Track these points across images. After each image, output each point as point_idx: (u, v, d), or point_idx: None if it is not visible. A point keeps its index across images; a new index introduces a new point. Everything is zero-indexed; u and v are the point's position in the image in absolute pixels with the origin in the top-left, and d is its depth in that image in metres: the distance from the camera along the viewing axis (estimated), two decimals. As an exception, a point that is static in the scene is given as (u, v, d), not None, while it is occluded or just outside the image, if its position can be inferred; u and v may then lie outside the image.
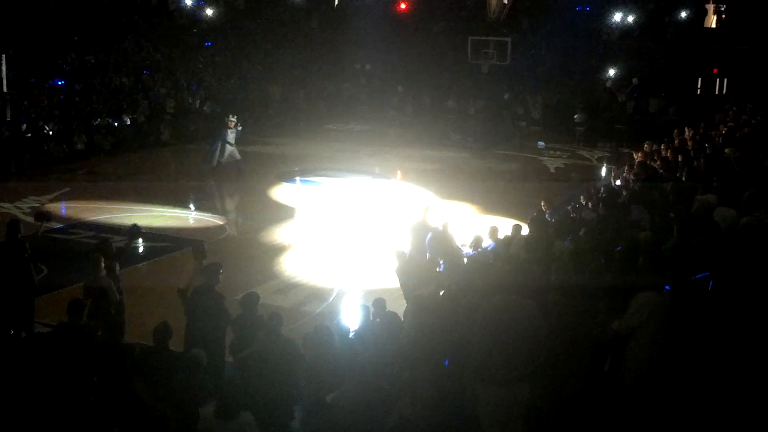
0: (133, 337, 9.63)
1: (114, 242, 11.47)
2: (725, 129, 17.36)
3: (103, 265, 9.99)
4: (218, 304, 9.27)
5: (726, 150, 14.07)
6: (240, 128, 21.70)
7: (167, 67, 32.66)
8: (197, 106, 29.99)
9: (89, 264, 10.09)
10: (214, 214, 18.30)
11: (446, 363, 7.10)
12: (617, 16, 34.05)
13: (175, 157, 25.59)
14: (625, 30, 34.12)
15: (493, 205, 18.57)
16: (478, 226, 14.58)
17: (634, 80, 31.54)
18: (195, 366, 7.46)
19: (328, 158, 24.36)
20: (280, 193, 20.38)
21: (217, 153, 21.30)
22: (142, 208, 18.24)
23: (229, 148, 21.26)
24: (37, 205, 17.56)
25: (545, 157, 26.22)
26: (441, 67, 33.63)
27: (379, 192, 20.60)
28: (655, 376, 6.42)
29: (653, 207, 11.09)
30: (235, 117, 21.73)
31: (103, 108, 26.64)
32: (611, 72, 32.88)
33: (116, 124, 26.31)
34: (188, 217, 18.38)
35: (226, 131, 21.28)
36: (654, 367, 6.43)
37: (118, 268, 10.43)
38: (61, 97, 26.91)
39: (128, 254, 11.79)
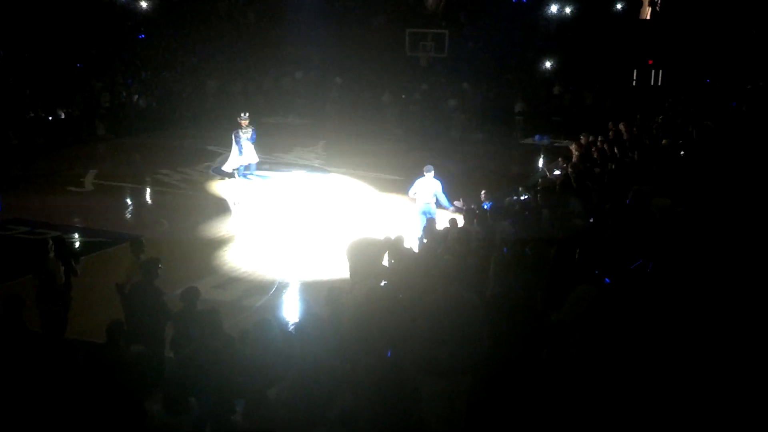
0: (72, 332, 9.48)
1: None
2: (661, 120, 17.77)
3: (52, 254, 9.97)
4: (157, 299, 9.19)
5: (663, 141, 14.42)
6: (253, 128, 20.33)
7: (101, 60, 32.00)
8: (133, 100, 29.51)
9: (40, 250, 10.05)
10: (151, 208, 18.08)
11: (388, 354, 7.12)
12: (554, 8, 34.44)
13: (110, 152, 25.19)
14: (561, 22, 34.55)
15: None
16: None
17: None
18: (138, 362, 7.39)
19: (267, 152, 24.18)
20: (218, 187, 20.19)
21: (235, 158, 20.15)
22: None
23: (245, 151, 20.10)
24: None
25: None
26: (380, 60, 33.62)
27: (317, 185, 20.55)
28: (590, 368, 6.53)
29: (588, 197, 11.32)
30: (247, 115, 20.39)
31: (37, 102, 26.03)
32: (548, 64, 33.31)
33: (50, 118, 25.75)
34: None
35: (240, 132, 20.07)
36: (589, 359, 6.54)
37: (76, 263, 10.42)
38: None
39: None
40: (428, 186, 15.46)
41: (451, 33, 31.40)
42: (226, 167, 20.42)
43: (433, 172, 15.51)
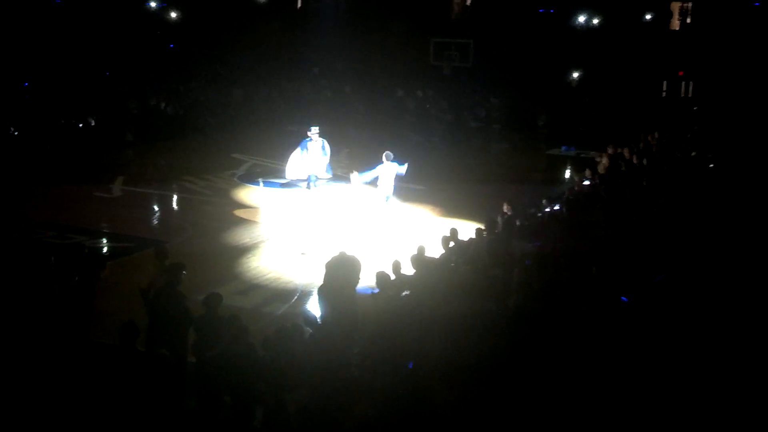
0: (96, 336, 9.56)
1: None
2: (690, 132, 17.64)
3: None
4: (180, 304, 9.25)
5: (692, 153, 14.33)
6: (324, 140, 19.41)
7: (130, 68, 32.35)
8: (161, 107, 29.78)
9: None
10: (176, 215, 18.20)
11: (410, 366, 7.11)
12: (581, 18, 34.24)
13: (137, 159, 25.44)
14: (589, 32, 34.37)
15: (454, 207, 18.55)
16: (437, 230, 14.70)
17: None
18: (160, 366, 7.44)
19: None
20: (243, 194, 20.28)
21: (295, 168, 19.42)
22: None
23: (312, 161, 19.23)
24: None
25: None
26: (402, 68, 33.63)
27: (341, 194, 20.54)
28: (610, 382, 6.49)
29: (615, 210, 11.23)
30: (317, 128, 19.61)
31: (68, 109, 26.38)
32: (575, 74, 33.13)
33: (81, 125, 26.10)
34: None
35: (306, 143, 19.25)
36: (609, 373, 6.50)
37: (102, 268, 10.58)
38: (27, 98, 26.66)
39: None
40: (389, 171, 16.70)
41: (476, 42, 31.33)
42: (289, 175, 19.89)
43: (392, 157, 16.83)
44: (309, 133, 19.29)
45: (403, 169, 16.81)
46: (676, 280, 7.75)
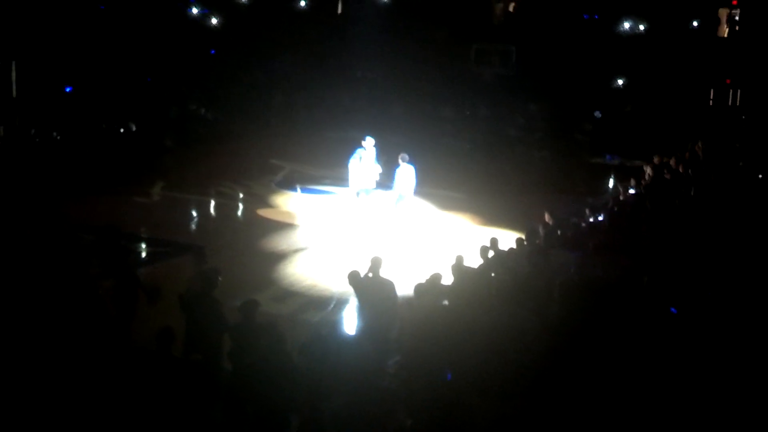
0: (136, 341, 9.54)
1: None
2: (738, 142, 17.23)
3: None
4: (215, 309, 9.18)
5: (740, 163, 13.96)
6: (377, 150, 18.83)
7: (171, 74, 32.63)
8: (201, 113, 30.02)
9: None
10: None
11: (449, 377, 6.96)
12: (627, 25, 33.72)
13: (176, 163, 25.63)
14: (634, 39, 33.83)
15: (494, 216, 18.30)
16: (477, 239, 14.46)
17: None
18: (192, 371, 7.40)
19: (329, 167, 24.20)
20: (280, 200, 20.24)
21: (356, 181, 18.81)
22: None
23: (365, 174, 18.71)
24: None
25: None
26: (442, 75, 33.44)
27: (378, 201, 20.39)
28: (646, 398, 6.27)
29: (661, 220, 10.95)
30: (372, 138, 18.89)
31: (110, 114, 26.73)
32: (620, 81, 32.66)
33: (122, 130, 26.39)
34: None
35: (359, 153, 18.68)
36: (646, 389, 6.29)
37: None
38: (70, 103, 27.02)
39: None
40: (406, 174, 17.18)
41: (519, 49, 31.03)
42: (352, 188, 19.14)
43: (407, 159, 17.34)
44: (363, 143, 18.78)
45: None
46: (725, 291, 7.49)
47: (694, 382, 6.51)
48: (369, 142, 18.61)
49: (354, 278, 10.45)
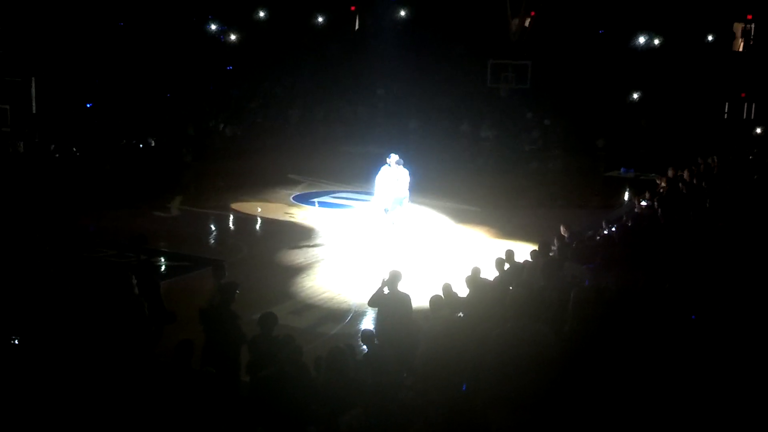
0: (157, 354, 9.64)
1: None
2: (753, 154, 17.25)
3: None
4: (233, 322, 9.29)
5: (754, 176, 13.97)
6: (403, 166, 18.39)
7: (190, 90, 32.97)
8: (219, 128, 30.28)
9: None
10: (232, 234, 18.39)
11: (464, 388, 7.01)
12: (642, 39, 33.72)
13: (195, 179, 25.86)
14: (649, 53, 33.85)
15: (509, 229, 18.38)
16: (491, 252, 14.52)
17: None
18: (206, 383, 7.46)
19: (346, 181, 24.36)
20: (298, 214, 20.41)
21: (381, 198, 18.57)
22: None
23: (391, 191, 18.42)
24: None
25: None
26: (459, 90, 33.57)
27: (398, 215, 20.49)
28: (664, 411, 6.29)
29: (676, 232, 10.98)
30: (396, 156, 18.55)
31: (129, 130, 27.05)
32: (635, 95, 32.65)
33: (141, 145, 26.71)
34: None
35: (385, 170, 18.41)
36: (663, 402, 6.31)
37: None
38: (89, 119, 27.39)
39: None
40: (396, 176, 17.48)
41: (535, 64, 31.15)
42: (377, 204, 19.01)
43: (398, 160, 17.73)
44: (387, 160, 18.63)
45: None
46: (741, 303, 7.52)
47: (711, 392, 6.52)
48: (393, 159, 18.51)
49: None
